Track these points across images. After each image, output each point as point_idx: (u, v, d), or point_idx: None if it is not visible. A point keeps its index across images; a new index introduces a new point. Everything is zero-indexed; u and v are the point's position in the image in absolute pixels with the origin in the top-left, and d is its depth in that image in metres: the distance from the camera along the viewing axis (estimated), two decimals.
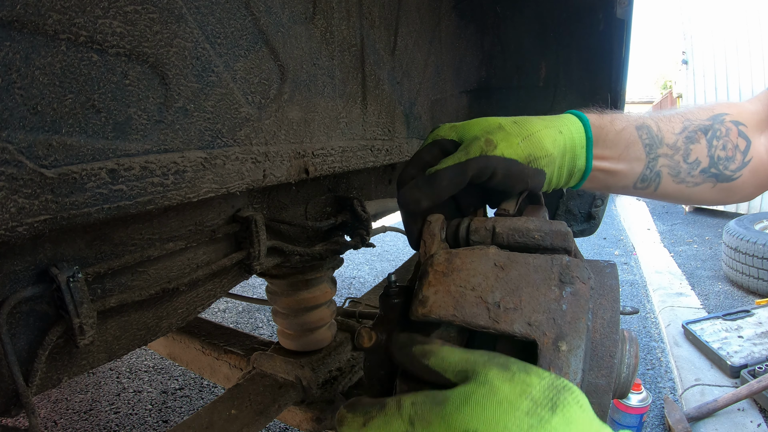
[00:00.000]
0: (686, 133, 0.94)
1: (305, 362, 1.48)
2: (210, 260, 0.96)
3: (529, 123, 0.87)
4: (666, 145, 0.93)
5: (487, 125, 0.86)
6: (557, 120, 0.90)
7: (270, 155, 0.93)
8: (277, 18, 0.92)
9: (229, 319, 4.79)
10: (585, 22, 1.79)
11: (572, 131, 0.89)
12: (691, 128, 0.94)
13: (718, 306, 4.68)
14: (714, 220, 8.39)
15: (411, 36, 1.42)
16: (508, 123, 0.86)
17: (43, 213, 0.58)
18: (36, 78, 0.56)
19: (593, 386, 0.72)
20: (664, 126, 0.94)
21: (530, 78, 1.97)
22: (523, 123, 0.87)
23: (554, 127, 0.88)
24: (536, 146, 0.85)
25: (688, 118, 0.95)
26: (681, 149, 0.94)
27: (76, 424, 3.05)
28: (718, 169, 0.95)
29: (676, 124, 0.94)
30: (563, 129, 0.89)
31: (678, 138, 0.94)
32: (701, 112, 0.96)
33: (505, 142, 0.83)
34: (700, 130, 0.94)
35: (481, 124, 0.86)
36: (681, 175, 0.95)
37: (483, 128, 0.85)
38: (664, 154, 0.94)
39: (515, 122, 0.86)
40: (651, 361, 3.83)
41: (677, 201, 1.03)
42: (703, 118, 0.95)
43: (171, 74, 0.72)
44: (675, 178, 0.96)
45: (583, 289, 0.67)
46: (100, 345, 0.77)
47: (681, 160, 0.94)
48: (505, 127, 0.85)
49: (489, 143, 0.82)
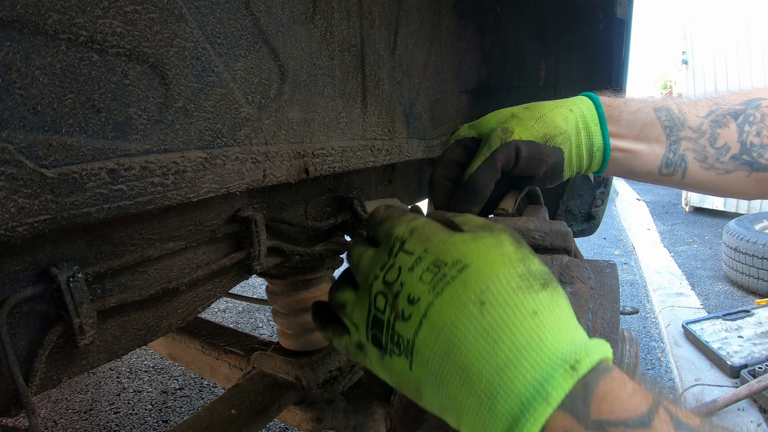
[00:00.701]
0: (713, 117, 0.91)
1: (305, 362, 1.48)
2: (210, 260, 0.96)
3: (539, 106, 0.93)
4: (689, 128, 0.91)
5: (501, 116, 0.93)
6: (567, 100, 0.95)
7: (270, 155, 0.93)
8: (277, 18, 0.92)
9: (229, 319, 4.79)
10: (585, 22, 1.79)
11: (582, 109, 0.93)
12: (719, 112, 0.91)
13: (718, 306, 4.68)
14: (714, 220, 8.38)
15: (411, 36, 1.42)
16: (519, 110, 0.93)
17: (43, 213, 0.58)
18: (36, 78, 0.56)
19: None
20: (687, 109, 0.93)
21: (530, 78, 1.97)
22: (534, 107, 0.93)
23: (564, 106, 0.93)
24: (549, 125, 0.90)
25: (717, 102, 0.92)
26: (707, 133, 0.91)
27: (76, 424, 3.05)
28: (751, 157, 0.90)
29: (702, 108, 0.92)
30: (573, 107, 0.93)
31: (703, 121, 0.91)
32: (734, 97, 0.93)
33: (520, 126, 0.89)
34: (730, 114, 0.90)
35: (496, 117, 0.94)
36: (709, 160, 0.92)
37: (498, 119, 0.92)
38: (687, 137, 0.91)
39: (527, 108, 0.93)
40: (651, 361, 3.83)
41: (711, 191, 0.99)
42: (735, 103, 0.91)
43: (171, 74, 0.72)
44: (703, 164, 0.92)
45: (582, 289, 0.67)
46: (100, 345, 0.77)
47: (707, 144, 0.91)
48: (517, 114, 0.92)
49: (506, 131, 0.88)
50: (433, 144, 1.64)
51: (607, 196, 2.04)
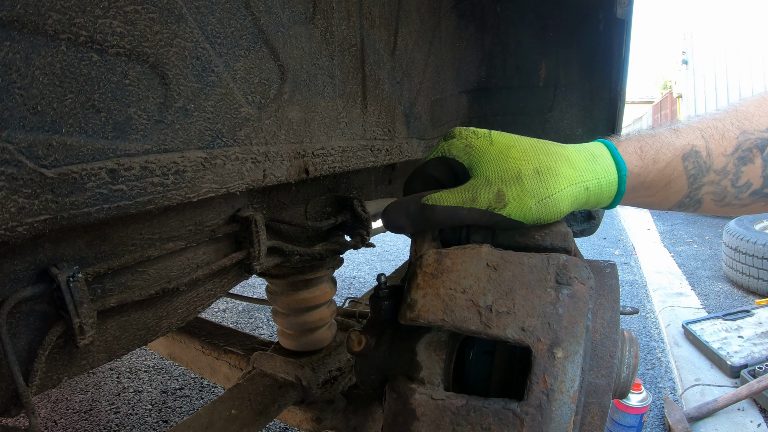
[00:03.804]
0: (739, 153, 0.80)
1: (305, 362, 1.48)
2: (210, 260, 0.96)
3: (553, 178, 0.74)
4: (713, 171, 0.81)
5: (506, 169, 0.74)
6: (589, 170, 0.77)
7: (270, 155, 0.93)
8: (277, 18, 0.92)
9: (229, 318, 4.79)
10: (585, 22, 1.79)
11: (602, 186, 0.77)
12: (746, 145, 0.80)
13: (718, 306, 4.68)
14: (714, 220, 8.39)
15: (411, 36, 1.42)
16: (529, 173, 0.73)
17: (43, 213, 0.58)
18: (36, 78, 0.55)
19: (593, 386, 0.71)
20: (716, 147, 0.80)
21: (530, 78, 1.97)
22: (547, 177, 0.74)
23: (581, 183, 0.75)
24: (551, 210, 0.74)
25: (746, 128, 0.81)
26: (730, 173, 0.81)
27: (76, 424, 3.05)
28: None
29: (730, 142, 0.80)
30: (591, 185, 0.76)
31: (729, 160, 0.80)
32: (763, 117, 0.81)
33: (518, 202, 0.73)
34: (757, 147, 0.80)
35: (499, 165, 0.75)
36: (726, 199, 0.83)
37: (499, 172, 0.74)
38: (710, 181, 0.81)
39: (538, 173, 0.74)
40: (651, 361, 3.83)
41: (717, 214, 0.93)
42: (764, 127, 0.80)
43: (171, 74, 0.72)
44: (719, 203, 0.84)
45: (581, 290, 0.65)
46: (100, 345, 0.77)
47: (729, 185, 0.82)
48: (524, 179, 0.73)
49: (500, 198, 0.73)
50: (433, 144, 1.64)
51: None
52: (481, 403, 0.64)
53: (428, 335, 0.73)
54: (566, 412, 0.61)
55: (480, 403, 0.64)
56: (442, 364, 0.72)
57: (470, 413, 0.64)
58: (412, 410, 0.68)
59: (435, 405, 0.67)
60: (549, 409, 0.61)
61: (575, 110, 1.93)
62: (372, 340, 0.80)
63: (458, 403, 0.65)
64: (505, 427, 0.63)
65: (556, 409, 0.61)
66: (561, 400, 0.61)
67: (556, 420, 0.61)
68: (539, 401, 0.62)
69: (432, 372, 0.71)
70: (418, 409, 0.67)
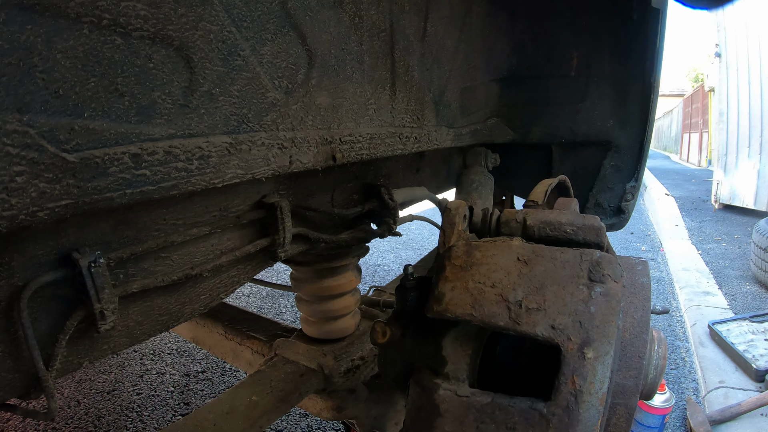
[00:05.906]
0: None
1: (328, 350, 1.48)
2: (234, 246, 0.95)
3: None
4: None
5: None
6: None
7: (297, 141, 0.92)
8: (306, 1, 0.90)
9: (253, 304, 4.83)
10: (618, 11, 1.75)
11: None
12: None
13: (745, 307, 4.59)
14: (744, 218, 8.21)
15: (441, 22, 1.40)
16: None
17: (65, 198, 0.57)
18: (58, 61, 0.55)
19: (621, 387, 0.69)
20: None
21: (562, 67, 1.93)
22: None
23: None
24: None
25: None
26: None
27: (98, 404, 3.10)
28: None
29: None
30: None
31: None
32: None
33: None
34: None
35: None
36: None
37: None
38: None
39: None
40: (675, 360, 3.77)
41: None
42: None
43: (196, 58, 0.71)
44: None
45: (614, 288, 0.64)
46: (121, 330, 0.77)
47: None
48: None
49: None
50: (462, 133, 1.62)
51: (637, 190, 1.99)
52: (507, 402, 0.63)
53: (455, 329, 0.72)
54: (594, 415, 0.60)
55: (506, 402, 0.63)
56: (468, 359, 0.71)
57: (495, 411, 0.63)
58: (436, 406, 0.67)
59: (459, 402, 0.66)
60: (576, 411, 0.60)
61: (607, 101, 1.89)
62: (397, 331, 0.79)
63: (483, 401, 0.64)
64: (530, 427, 0.61)
65: (584, 411, 0.59)
66: (589, 402, 0.59)
67: (583, 422, 0.59)
68: (567, 402, 0.60)
69: (458, 367, 0.70)
70: (441, 405, 0.66)
